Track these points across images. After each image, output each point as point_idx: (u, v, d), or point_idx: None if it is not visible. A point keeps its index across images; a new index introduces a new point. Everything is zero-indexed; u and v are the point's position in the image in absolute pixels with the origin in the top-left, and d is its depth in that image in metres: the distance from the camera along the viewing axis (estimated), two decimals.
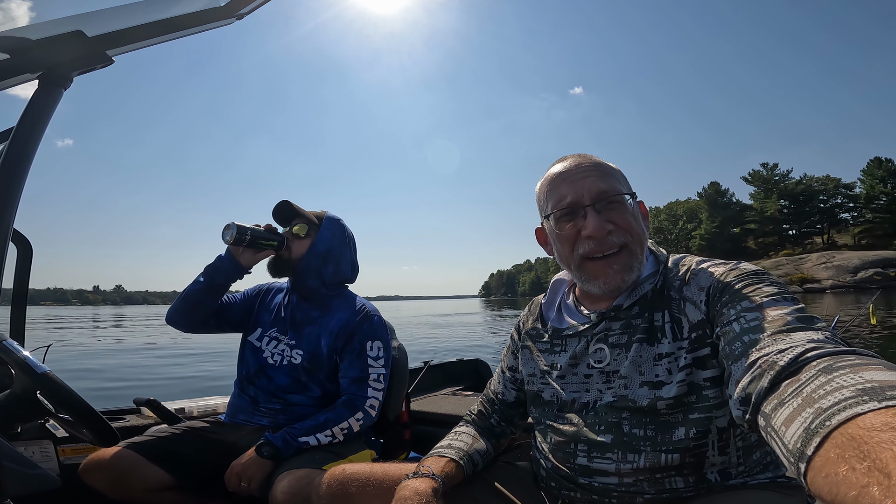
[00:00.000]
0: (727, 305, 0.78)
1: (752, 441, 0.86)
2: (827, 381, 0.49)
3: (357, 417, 1.56)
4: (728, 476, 0.85)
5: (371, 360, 1.64)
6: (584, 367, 0.96)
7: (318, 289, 1.71)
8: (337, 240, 1.75)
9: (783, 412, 0.51)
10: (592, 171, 0.93)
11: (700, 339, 0.84)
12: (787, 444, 0.48)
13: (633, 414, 0.87)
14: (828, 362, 0.53)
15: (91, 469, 1.46)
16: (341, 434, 1.53)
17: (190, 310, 1.67)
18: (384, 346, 1.68)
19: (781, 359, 0.59)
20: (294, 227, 1.73)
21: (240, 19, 0.88)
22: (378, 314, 1.74)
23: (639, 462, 0.85)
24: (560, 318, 1.05)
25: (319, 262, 1.70)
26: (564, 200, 0.92)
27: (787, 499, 0.80)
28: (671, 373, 0.85)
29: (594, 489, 0.89)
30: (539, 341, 1.07)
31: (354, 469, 1.04)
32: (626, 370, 0.89)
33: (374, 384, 1.62)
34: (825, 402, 0.46)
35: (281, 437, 1.47)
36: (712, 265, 0.90)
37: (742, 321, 0.72)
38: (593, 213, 0.90)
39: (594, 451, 0.89)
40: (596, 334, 0.95)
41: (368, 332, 1.67)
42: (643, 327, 0.90)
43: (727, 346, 0.72)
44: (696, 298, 0.86)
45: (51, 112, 0.91)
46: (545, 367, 1.03)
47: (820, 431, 0.43)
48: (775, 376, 0.57)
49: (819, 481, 0.41)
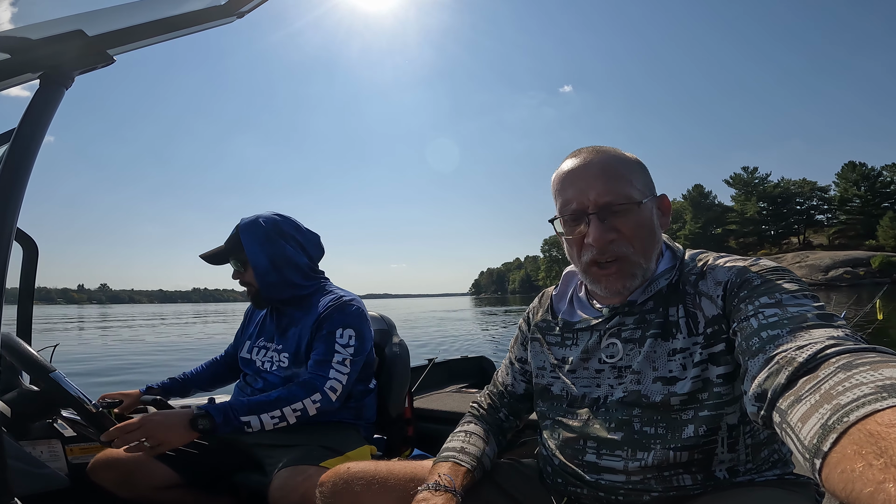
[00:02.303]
0: (745, 301, 0.74)
1: (762, 438, 0.82)
2: (846, 378, 0.46)
3: (314, 399, 1.39)
4: (736, 473, 0.81)
5: (339, 345, 1.49)
6: (595, 361, 0.91)
7: (298, 292, 1.62)
8: (267, 242, 1.57)
9: (800, 408, 0.48)
10: (601, 175, 0.85)
11: (715, 335, 0.79)
12: (803, 441, 0.45)
13: (645, 410, 0.83)
14: (847, 359, 0.50)
15: (99, 467, 1.43)
16: (293, 416, 1.36)
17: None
18: (357, 335, 1.52)
19: (800, 355, 0.55)
20: (234, 268, 1.64)
21: (240, 18, 0.84)
22: (356, 304, 1.59)
23: (647, 459, 0.81)
24: (571, 310, 1.00)
25: (275, 275, 1.57)
26: (570, 206, 0.87)
27: (794, 496, 0.76)
28: (685, 368, 0.81)
29: (601, 486, 0.85)
30: (549, 334, 1.01)
31: (359, 467, 0.99)
32: (638, 365, 0.84)
33: (338, 367, 1.45)
34: (843, 399, 0.44)
35: (223, 411, 1.29)
36: (731, 260, 0.85)
37: (760, 317, 0.68)
38: (596, 222, 0.83)
39: (603, 447, 0.85)
40: (608, 329, 0.90)
41: (339, 320, 1.53)
42: (657, 322, 0.85)
43: (744, 341, 0.68)
44: (712, 293, 0.81)
45: (53, 112, 0.87)
46: (555, 361, 0.98)
47: (837, 427, 0.41)
48: (793, 373, 0.54)
49: (834, 477, 0.39)
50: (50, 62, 0.83)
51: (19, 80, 0.86)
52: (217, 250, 1.62)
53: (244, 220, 1.61)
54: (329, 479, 0.99)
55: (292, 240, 1.63)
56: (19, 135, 0.85)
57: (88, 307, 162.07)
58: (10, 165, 0.85)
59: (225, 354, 1.87)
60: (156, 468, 1.43)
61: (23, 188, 0.88)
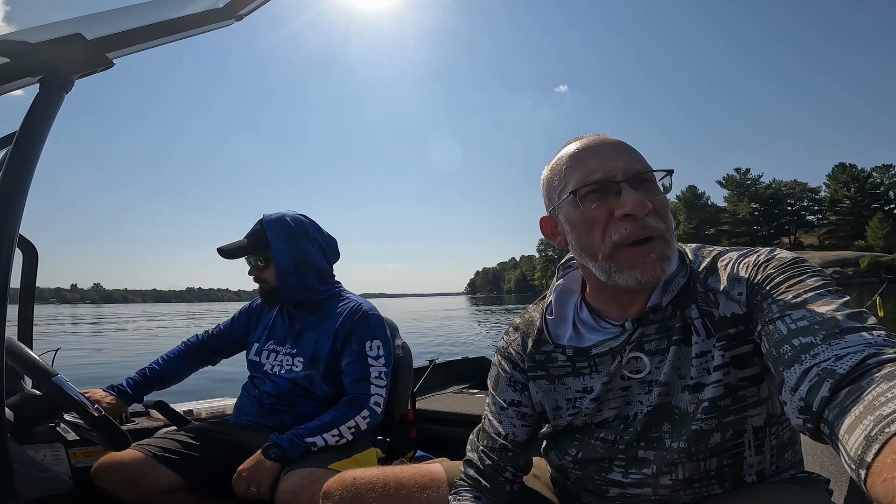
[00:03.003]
0: (767, 300, 0.68)
1: (785, 440, 0.79)
2: (888, 389, 0.46)
3: (363, 415, 1.47)
4: (763, 476, 0.77)
5: (371, 359, 1.54)
6: (618, 380, 0.81)
7: (314, 296, 1.62)
8: (293, 243, 1.57)
9: (846, 420, 0.48)
10: (625, 147, 0.77)
11: (740, 336, 0.72)
12: (850, 452, 0.46)
13: (675, 425, 0.76)
14: (889, 369, 0.50)
15: (104, 471, 1.41)
16: (349, 433, 1.44)
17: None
18: (383, 344, 1.58)
19: (840, 367, 0.53)
20: (251, 263, 1.62)
21: (239, 20, 0.83)
22: (375, 312, 1.63)
23: (676, 471, 0.76)
24: (579, 336, 0.86)
25: (295, 277, 1.57)
26: (593, 175, 0.74)
27: (809, 491, 0.74)
28: (708, 373, 0.74)
29: (626, 499, 0.80)
30: (554, 365, 0.87)
31: (365, 476, 0.94)
32: (666, 377, 0.76)
33: (377, 381, 1.53)
34: (885, 410, 0.44)
35: (287, 439, 1.39)
36: (743, 254, 0.77)
37: (788, 320, 0.63)
38: (630, 189, 0.72)
39: (632, 466, 0.79)
40: (630, 343, 0.79)
41: (366, 332, 1.57)
42: (679, 327, 0.76)
43: (773, 348, 0.63)
44: (731, 291, 0.73)
45: (53, 115, 0.86)
46: (574, 395, 0.85)
47: (879, 438, 0.42)
48: (835, 384, 0.52)
49: (878, 486, 0.41)
50: (49, 66, 0.82)
51: (19, 84, 0.85)
52: (238, 244, 1.59)
53: (269, 216, 1.60)
54: (335, 488, 0.95)
55: (316, 243, 1.63)
56: (20, 139, 0.84)
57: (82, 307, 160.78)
58: (11, 170, 0.84)
59: (197, 340, 1.83)
60: (160, 471, 1.42)
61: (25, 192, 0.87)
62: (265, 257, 1.58)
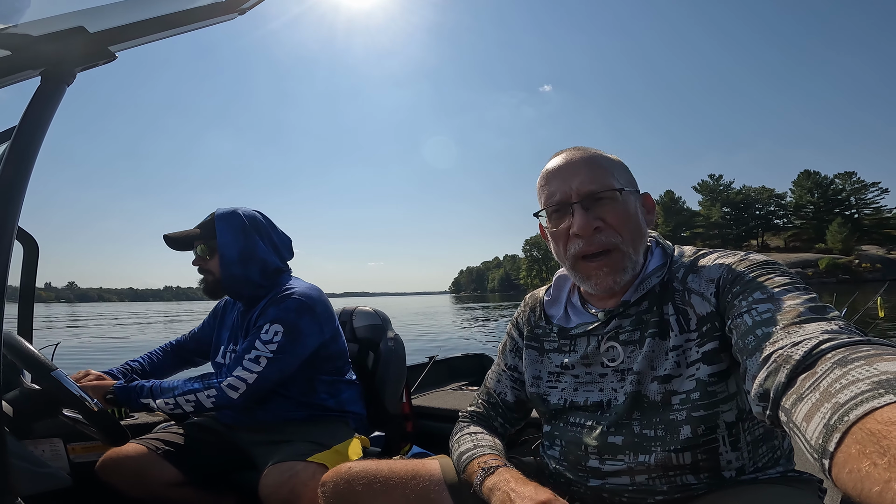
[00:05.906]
0: (738, 297, 0.70)
1: (758, 435, 0.78)
2: (842, 375, 0.45)
3: (209, 394, 1.31)
4: (742, 471, 0.77)
5: (260, 342, 1.36)
6: (597, 366, 0.85)
7: (256, 291, 1.50)
8: (241, 236, 1.47)
9: (803, 407, 0.47)
10: (583, 167, 0.82)
11: (709, 333, 0.75)
12: (810, 441, 0.44)
13: (644, 413, 0.79)
14: (842, 354, 0.48)
15: (110, 466, 1.36)
16: (188, 405, 1.31)
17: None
18: (285, 331, 1.37)
19: (796, 352, 0.53)
20: (196, 253, 1.52)
21: (242, 14, 0.80)
22: (298, 297, 1.43)
23: (649, 461, 0.76)
24: (566, 317, 0.93)
25: (240, 268, 1.46)
26: (553, 198, 0.83)
27: (798, 492, 0.73)
28: (680, 366, 0.77)
29: (605, 489, 0.81)
30: (546, 340, 0.94)
31: (360, 467, 0.93)
32: (639, 366, 0.79)
33: (248, 364, 1.33)
34: (842, 397, 0.42)
35: (128, 390, 1.32)
36: (720, 256, 0.80)
37: (754, 313, 0.65)
38: (580, 211, 0.79)
39: (606, 453, 0.80)
40: (607, 333, 0.85)
41: (270, 315, 1.40)
42: (654, 322, 0.80)
43: (740, 339, 0.65)
44: (704, 290, 0.77)
45: (54, 109, 0.82)
46: (555, 369, 0.91)
47: (839, 427, 0.40)
48: (791, 370, 0.51)
49: (843, 477, 0.39)
50: (51, 59, 0.78)
51: (20, 77, 0.81)
52: (186, 233, 1.50)
53: (221, 208, 1.52)
54: (330, 478, 0.93)
55: (266, 238, 1.53)
56: (20, 132, 0.81)
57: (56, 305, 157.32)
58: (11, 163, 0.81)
59: (176, 344, 1.73)
60: (165, 466, 1.37)
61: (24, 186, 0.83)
62: (211, 247, 1.49)
